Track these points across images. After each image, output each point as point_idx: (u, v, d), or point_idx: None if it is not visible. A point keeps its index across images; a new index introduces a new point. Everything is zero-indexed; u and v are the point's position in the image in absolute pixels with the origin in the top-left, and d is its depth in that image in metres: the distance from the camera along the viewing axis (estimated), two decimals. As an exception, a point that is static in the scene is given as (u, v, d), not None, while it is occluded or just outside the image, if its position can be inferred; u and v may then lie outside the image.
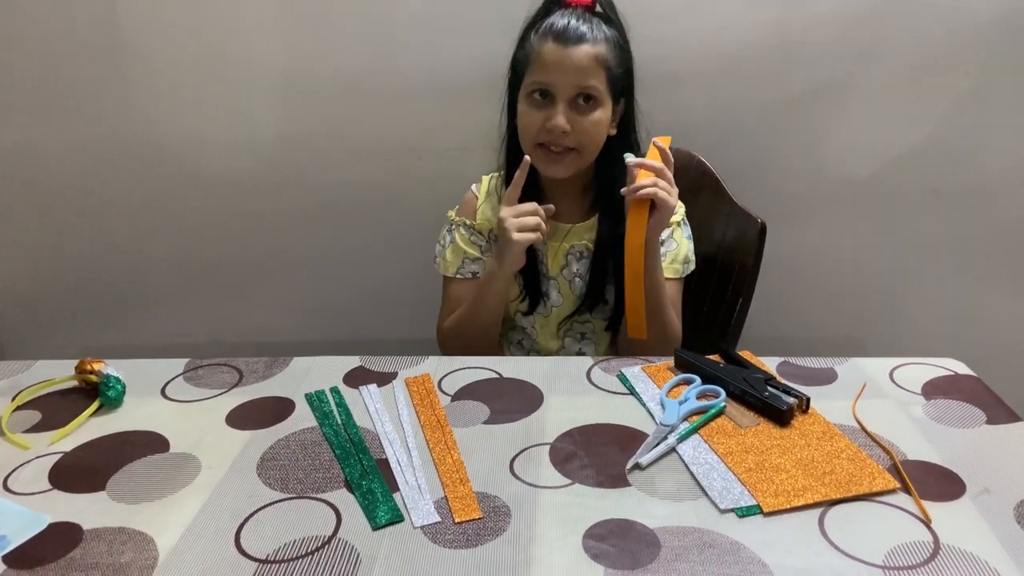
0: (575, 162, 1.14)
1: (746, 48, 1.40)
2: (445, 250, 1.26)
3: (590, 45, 1.08)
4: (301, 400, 0.95)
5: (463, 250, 1.24)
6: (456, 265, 1.24)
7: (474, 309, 1.19)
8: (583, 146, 1.13)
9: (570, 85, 1.09)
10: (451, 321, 1.23)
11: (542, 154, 1.14)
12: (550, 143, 1.12)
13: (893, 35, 1.38)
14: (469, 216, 1.25)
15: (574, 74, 1.08)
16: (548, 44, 1.09)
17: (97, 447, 0.86)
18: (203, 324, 1.68)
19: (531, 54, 1.11)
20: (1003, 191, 1.49)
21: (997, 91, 1.41)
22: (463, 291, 1.24)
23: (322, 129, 1.49)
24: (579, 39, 1.08)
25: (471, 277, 1.24)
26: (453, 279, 1.25)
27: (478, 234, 1.24)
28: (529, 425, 0.88)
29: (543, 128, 1.11)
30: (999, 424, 0.87)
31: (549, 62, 1.09)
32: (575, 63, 1.08)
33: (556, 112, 1.09)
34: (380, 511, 0.74)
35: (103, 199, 1.55)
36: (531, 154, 1.14)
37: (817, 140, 1.47)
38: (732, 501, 0.74)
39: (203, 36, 1.42)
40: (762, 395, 0.89)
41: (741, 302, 1.22)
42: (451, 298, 1.26)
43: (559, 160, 1.13)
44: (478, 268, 1.24)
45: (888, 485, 0.75)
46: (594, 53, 1.09)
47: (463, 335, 1.21)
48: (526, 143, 1.15)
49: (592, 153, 1.15)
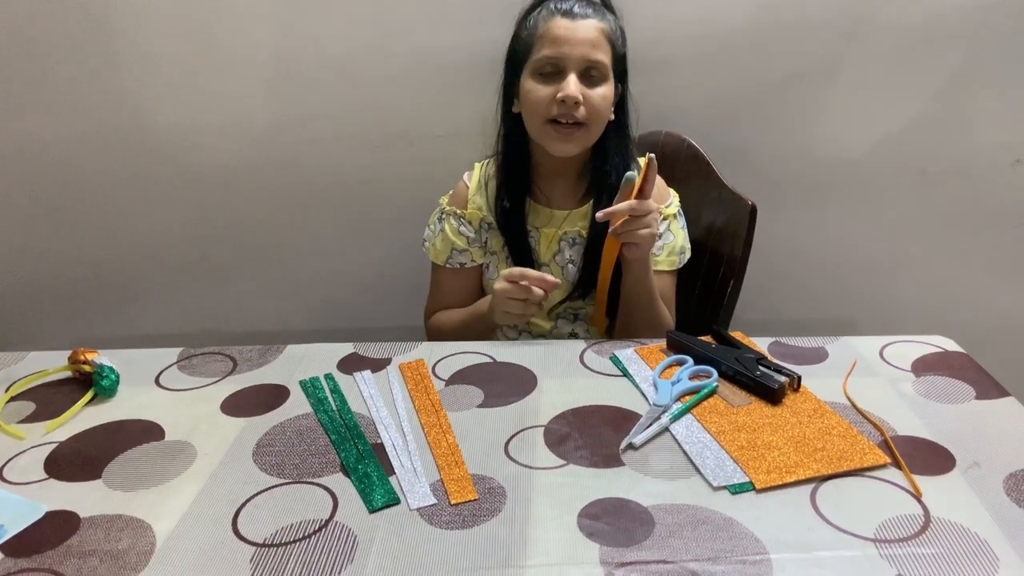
0: (583, 138, 1.14)
1: (734, 31, 1.39)
2: (435, 237, 1.26)
3: (597, 20, 1.11)
4: (296, 387, 0.95)
5: (451, 241, 1.24)
6: (444, 255, 1.26)
7: (463, 328, 1.23)
8: (592, 120, 1.12)
9: (580, 57, 1.10)
10: (439, 321, 1.28)
11: (552, 130, 1.13)
12: (561, 116, 1.11)
13: (879, 17, 1.38)
14: (460, 206, 1.25)
15: (584, 46, 1.09)
16: (556, 19, 1.10)
17: (92, 436, 0.87)
18: (196, 313, 1.68)
19: (536, 32, 1.12)
20: (990, 170, 1.49)
21: (983, 71, 1.42)
22: (452, 281, 1.27)
23: (313, 116, 1.48)
24: (586, 15, 1.10)
25: (459, 267, 1.26)
26: (441, 268, 1.27)
27: (467, 224, 1.24)
28: (523, 408, 0.89)
29: (554, 101, 1.10)
30: (988, 399, 0.88)
31: (559, 36, 1.09)
32: (584, 35, 1.09)
33: (568, 83, 1.09)
34: (376, 494, 0.74)
35: (95, 189, 1.54)
36: (540, 131, 1.14)
37: (806, 122, 1.47)
38: (725, 478, 0.75)
39: (192, 23, 1.40)
40: (754, 375, 0.90)
41: (732, 283, 1.23)
42: (439, 285, 1.29)
43: (569, 136, 1.12)
44: (465, 260, 1.25)
45: (878, 460, 0.76)
46: (601, 27, 1.11)
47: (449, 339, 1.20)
48: (535, 120, 1.13)
49: (599, 130, 1.15)
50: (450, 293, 1.28)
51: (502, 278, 1.10)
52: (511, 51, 1.17)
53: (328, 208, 1.57)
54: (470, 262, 1.25)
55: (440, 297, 1.29)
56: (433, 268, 1.29)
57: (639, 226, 1.04)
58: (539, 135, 1.14)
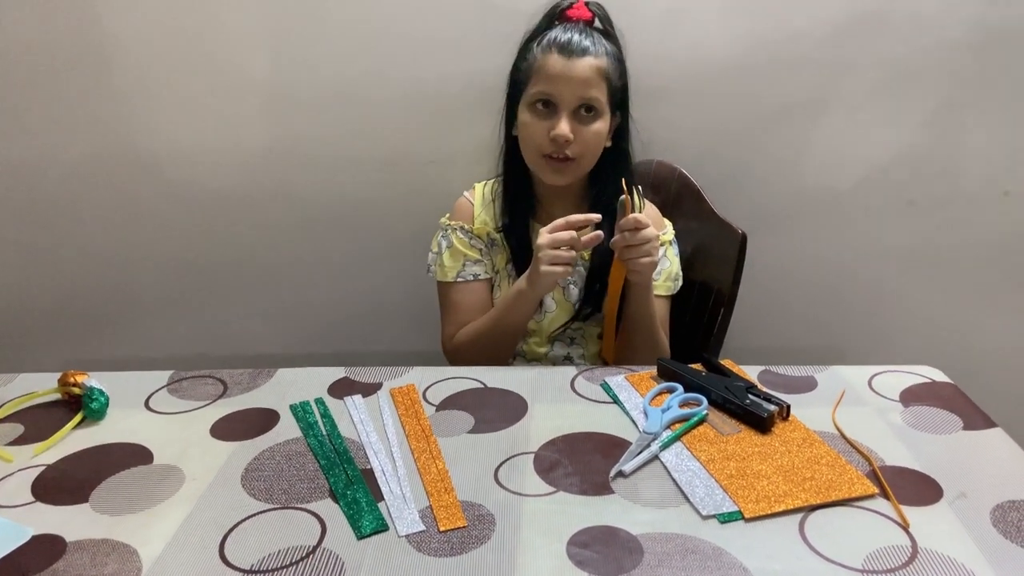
0: (574, 171, 1.16)
1: (725, 62, 1.42)
2: (441, 256, 1.25)
3: (593, 58, 1.11)
4: (286, 411, 0.95)
5: (463, 253, 1.23)
6: (456, 269, 1.23)
7: (496, 325, 1.17)
8: (582, 156, 1.15)
9: (573, 96, 1.11)
10: (466, 334, 1.21)
11: (545, 163, 1.16)
12: (553, 152, 1.14)
13: (868, 49, 1.40)
14: (466, 221, 1.26)
15: (577, 85, 1.11)
16: (552, 56, 1.11)
17: (80, 459, 0.86)
18: (188, 336, 1.67)
19: (534, 65, 1.13)
20: (979, 202, 1.51)
21: (970, 104, 1.44)
22: (467, 296, 1.23)
23: (308, 140, 1.49)
24: (583, 52, 1.11)
25: (473, 280, 1.23)
26: (454, 284, 1.24)
27: (477, 238, 1.25)
28: (514, 434, 0.89)
29: (547, 137, 1.13)
30: (975, 430, 0.89)
31: (553, 73, 1.11)
32: (579, 74, 1.11)
33: (560, 121, 1.11)
34: (365, 520, 0.74)
35: (88, 210, 1.55)
36: (535, 163, 1.17)
37: (795, 152, 1.49)
38: (714, 507, 0.75)
39: (190, 47, 1.42)
40: (743, 403, 0.90)
41: (723, 312, 1.23)
42: (455, 305, 1.24)
43: (561, 169, 1.15)
44: (480, 270, 1.24)
45: (867, 490, 0.77)
46: (596, 65, 1.12)
47: (480, 350, 1.19)
48: (529, 152, 1.17)
49: (590, 162, 1.17)
50: (467, 310, 1.23)
51: (543, 232, 1.06)
52: (511, 79, 1.19)
53: (322, 232, 1.57)
54: (483, 274, 1.24)
55: (456, 317, 1.23)
56: (443, 290, 1.26)
57: (641, 254, 1.05)
58: (533, 165, 1.18)
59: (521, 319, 1.17)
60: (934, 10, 1.37)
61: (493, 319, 1.18)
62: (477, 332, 1.19)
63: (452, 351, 1.24)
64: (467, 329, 1.21)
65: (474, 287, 1.23)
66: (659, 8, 1.38)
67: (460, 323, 1.23)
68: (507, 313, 1.16)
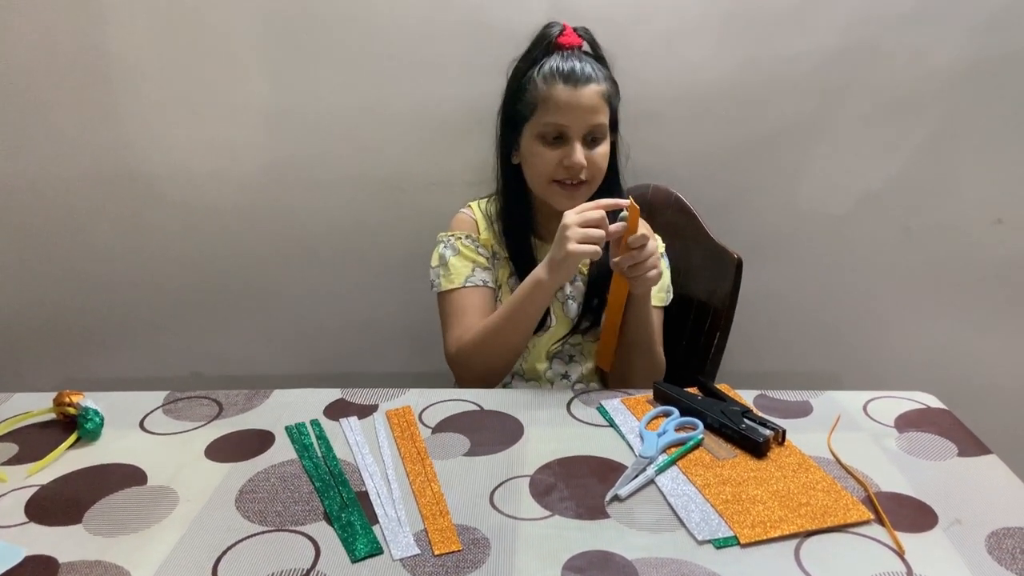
0: (586, 194, 1.18)
1: (721, 90, 1.43)
2: (447, 263, 1.22)
3: (596, 84, 1.14)
4: (281, 433, 0.95)
5: (471, 258, 1.23)
6: (465, 274, 1.21)
7: (507, 324, 1.12)
8: (594, 177, 1.18)
9: (584, 125, 1.14)
10: (474, 333, 1.15)
11: (558, 189, 1.17)
12: (566, 179, 1.16)
13: (861, 77, 1.42)
14: (471, 231, 1.26)
15: (587, 114, 1.13)
16: (558, 86, 1.13)
17: (74, 480, 0.86)
18: (183, 357, 1.67)
19: (539, 96, 1.14)
20: (972, 228, 1.52)
21: (964, 131, 1.45)
22: (476, 300, 1.19)
23: (307, 161, 1.50)
24: (587, 80, 1.13)
25: (482, 285, 1.22)
26: (461, 290, 1.20)
27: (484, 248, 1.25)
28: (509, 457, 0.89)
29: (560, 166, 1.15)
30: (970, 456, 0.89)
31: (562, 103, 1.13)
32: (587, 103, 1.13)
33: (573, 150, 1.14)
34: (359, 543, 0.74)
35: (86, 229, 1.55)
36: (545, 190, 1.19)
37: (791, 178, 1.51)
38: (709, 532, 0.75)
39: (190, 70, 1.43)
40: (739, 427, 0.90)
41: (719, 336, 1.24)
42: (463, 309, 1.19)
43: (574, 194, 1.17)
44: (488, 278, 1.23)
45: (862, 517, 0.77)
46: (600, 91, 1.14)
47: (489, 349, 1.14)
48: (540, 180, 1.18)
49: (599, 182, 1.19)
50: (475, 313, 1.18)
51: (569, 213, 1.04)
52: (510, 107, 1.20)
53: (319, 254, 1.58)
54: (491, 282, 1.23)
55: (464, 320, 1.18)
56: (449, 298, 1.21)
57: (648, 268, 1.06)
58: (544, 193, 1.19)
59: (535, 312, 1.12)
60: (927, 39, 1.39)
61: (504, 314, 1.12)
62: (486, 329, 1.13)
63: (456, 353, 1.17)
64: (475, 329, 1.15)
65: (484, 292, 1.21)
66: (655, 34, 1.39)
67: (467, 326, 1.17)
68: (522, 305, 1.10)
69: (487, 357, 1.15)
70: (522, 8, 1.34)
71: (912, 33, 1.38)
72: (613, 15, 1.37)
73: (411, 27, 1.40)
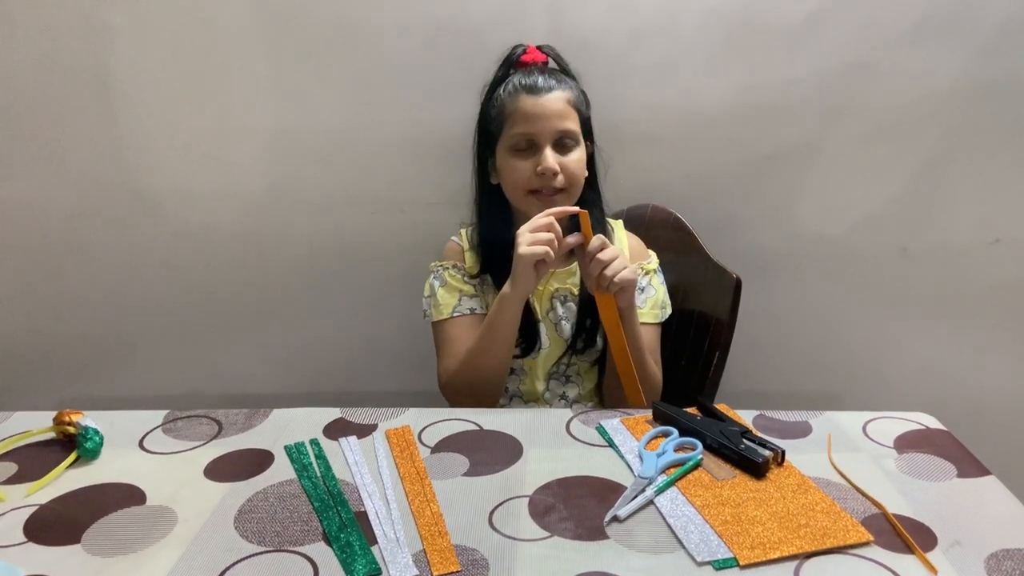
0: (564, 202, 1.17)
1: (719, 111, 1.45)
2: (435, 294, 1.25)
3: (560, 91, 1.16)
4: (280, 452, 0.95)
5: (458, 288, 1.24)
6: (452, 304, 1.23)
7: (484, 343, 1.15)
8: (570, 184, 1.18)
9: (551, 130, 1.15)
10: (459, 359, 1.18)
11: (535, 199, 1.18)
12: (542, 187, 1.16)
13: (858, 99, 1.43)
14: (458, 260, 1.27)
15: (553, 119, 1.15)
16: (522, 97, 1.15)
17: (73, 499, 0.86)
18: (183, 376, 1.67)
19: (505, 111, 1.17)
20: (970, 249, 1.53)
21: (961, 152, 1.46)
22: (464, 331, 1.21)
23: (306, 183, 1.51)
24: (550, 88, 1.16)
25: (469, 314, 1.23)
26: (450, 320, 1.22)
27: (471, 276, 1.26)
28: (508, 477, 0.89)
29: (533, 174, 1.15)
30: (969, 477, 0.89)
31: (528, 113, 1.15)
32: (552, 109, 1.15)
33: (544, 157, 1.14)
34: (358, 564, 0.73)
35: (87, 249, 1.56)
36: (523, 202, 1.19)
37: (789, 199, 1.51)
38: (709, 554, 0.75)
39: (192, 91, 1.44)
40: (738, 448, 0.90)
41: (718, 356, 1.24)
42: (452, 340, 1.22)
43: (551, 203, 1.16)
44: (476, 305, 1.24)
45: (862, 538, 0.76)
46: (565, 97, 1.16)
47: (473, 371, 1.17)
48: (517, 192, 1.19)
49: (578, 191, 1.19)
50: (463, 341, 1.20)
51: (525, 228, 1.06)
52: (481, 128, 1.23)
53: (319, 274, 1.58)
54: (479, 309, 1.23)
55: (453, 349, 1.21)
56: (440, 329, 1.24)
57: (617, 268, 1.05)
58: (522, 205, 1.19)
59: (507, 327, 1.14)
60: (923, 62, 1.40)
61: (481, 334, 1.15)
62: (469, 352, 1.17)
63: (447, 382, 1.21)
64: (461, 355, 1.19)
65: (471, 320, 1.22)
66: (655, 56, 1.41)
67: (455, 355, 1.20)
68: (493, 322, 1.13)
69: (473, 380, 1.17)
70: (521, 32, 1.36)
71: (909, 55, 1.40)
72: (613, 38, 1.39)
73: (412, 50, 1.42)
